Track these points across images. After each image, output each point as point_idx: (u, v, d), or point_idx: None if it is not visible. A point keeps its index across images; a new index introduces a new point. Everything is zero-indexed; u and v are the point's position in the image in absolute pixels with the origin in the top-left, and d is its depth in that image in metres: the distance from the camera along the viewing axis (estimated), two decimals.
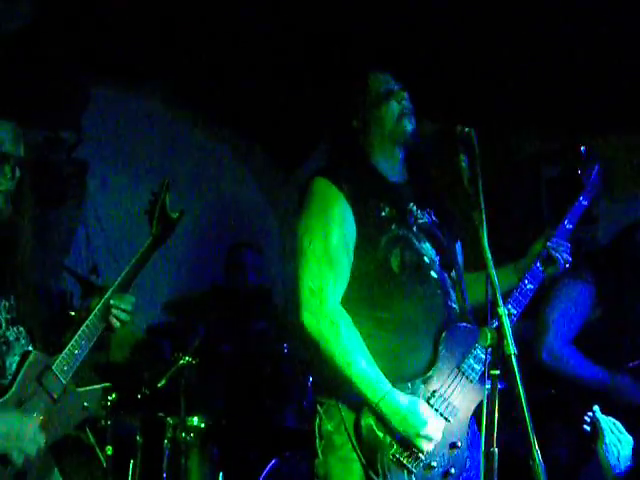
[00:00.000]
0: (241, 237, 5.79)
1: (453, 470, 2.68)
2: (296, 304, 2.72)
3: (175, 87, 5.85)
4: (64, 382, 2.63)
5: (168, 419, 4.24)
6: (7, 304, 2.65)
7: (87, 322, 2.71)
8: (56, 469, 2.76)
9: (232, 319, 5.03)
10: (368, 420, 2.64)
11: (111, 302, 2.74)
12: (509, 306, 2.82)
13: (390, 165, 2.90)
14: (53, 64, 5.05)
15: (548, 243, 2.95)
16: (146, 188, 5.79)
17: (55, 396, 2.61)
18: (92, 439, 4.17)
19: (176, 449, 4.19)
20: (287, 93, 5.43)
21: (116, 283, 2.79)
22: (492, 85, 4.98)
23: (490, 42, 4.72)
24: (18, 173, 2.61)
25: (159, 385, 4.08)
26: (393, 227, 2.77)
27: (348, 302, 2.73)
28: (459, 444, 2.70)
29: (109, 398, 3.95)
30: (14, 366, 2.59)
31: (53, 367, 2.61)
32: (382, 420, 2.62)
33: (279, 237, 6.29)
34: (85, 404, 2.72)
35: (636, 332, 3.80)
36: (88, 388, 2.76)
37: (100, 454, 4.12)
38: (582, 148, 3.16)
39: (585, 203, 3.10)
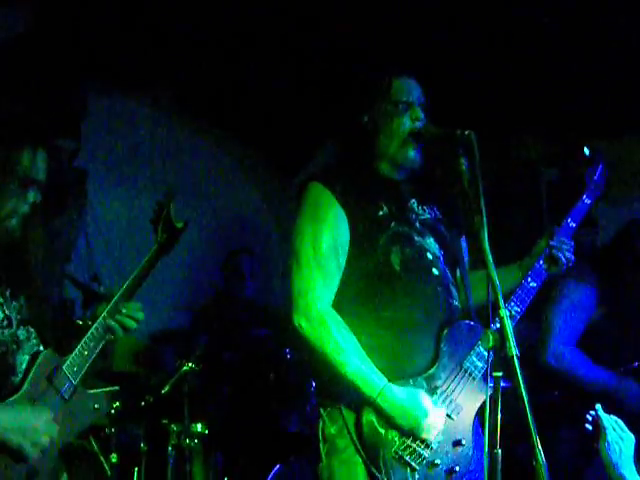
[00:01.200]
0: (241, 244, 5.81)
1: (458, 468, 2.68)
2: (289, 307, 2.76)
3: (175, 94, 5.87)
4: (74, 383, 2.65)
5: (172, 426, 4.25)
6: (17, 305, 2.67)
7: (95, 325, 2.74)
8: (65, 475, 2.77)
9: (234, 326, 5.03)
10: (370, 417, 2.64)
11: (122, 310, 2.77)
12: (512, 304, 2.82)
13: (392, 164, 2.90)
14: (51, 73, 5.07)
15: (551, 242, 2.94)
16: (146, 195, 5.93)
17: (66, 396, 2.63)
18: (96, 447, 4.18)
19: (180, 456, 4.21)
20: (288, 100, 5.44)
21: (121, 291, 2.81)
22: (493, 88, 5.00)
23: (491, 47, 4.73)
24: (39, 198, 2.64)
25: (163, 392, 4.08)
26: (392, 225, 2.79)
27: (351, 302, 2.75)
28: (463, 442, 2.70)
29: (113, 406, 3.96)
30: (24, 365, 2.61)
31: (64, 367, 2.64)
32: (383, 415, 2.62)
33: (279, 243, 6.31)
34: (96, 406, 2.74)
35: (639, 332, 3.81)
36: (98, 390, 2.77)
37: (104, 462, 4.12)
38: (585, 148, 3.16)
39: (588, 202, 3.09)
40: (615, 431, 2.90)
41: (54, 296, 3.02)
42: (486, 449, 2.33)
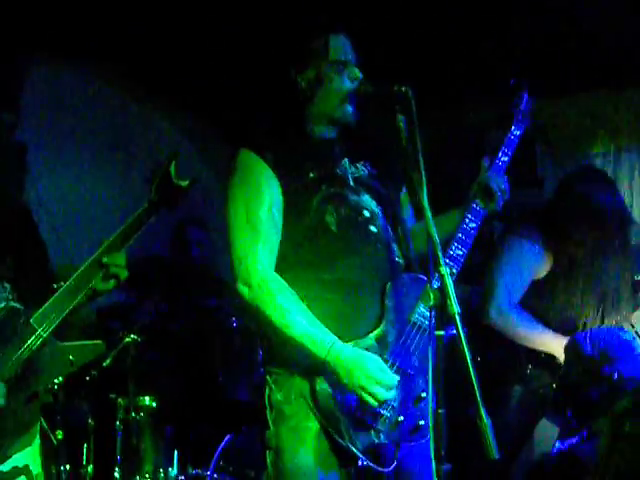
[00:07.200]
0: (187, 213, 5.74)
1: (422, 422, 2.66)
2: (231, 275, 2.73)
3: (121, 66, 5.76)
4: (44, 335, 2.79)
5: (119, 400, 4.20)
6: None
7: (71, 279, 2.83)
8: (37, 427, 2.98)
9: (180, 296, 4.99)
10: (323, 385, 2.60)
11: (104, 260, 2.85)
12: (454, 247, 2.78)
13: (323, 125, 2.85)
14: None
15: (482, 179, 2.89)
16: (92, 171, 5.82)
17: (34, 347, 2.78)
18: (44, 424, 4.11)
19: (128, 430, 4.16)
20: (238, 71, 5.36)
21: (105, 244, 2.88)
22: (435, 50, 4.97)
23: (437, 11, 4.69)
24: None
25: (104, 364, 4.02)
26: (323, 187, 2.74)
27: (291, 269, 2.71)
28: (423, 395, 2.67)
29: (56, 381, 3.89)
30: None
31: (31, 320, 2.79)
32: (333, 376, 2.57)
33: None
34: (71, 358, 2.89)
35: (585, 288, 3.83)
36: (76, 343, 2.93)
37: (53, 439, 4.06)
38: (511, 80, 3.10)
39: (518, 133, 3.03)
40: None
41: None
42: (431, 410, 2.32)
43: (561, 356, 3.75)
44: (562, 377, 3.69)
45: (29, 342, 2.78)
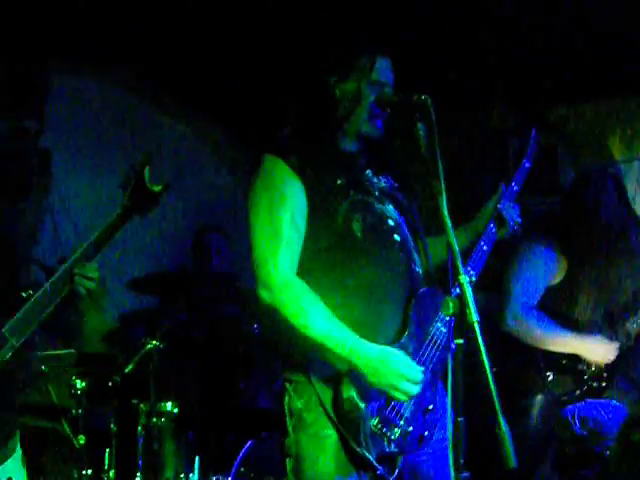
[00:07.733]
0: (209, 220, 5.78)
1: (426, 433, 2.70)
2: (254, 279, 2.73)
3: (142, 74, 5.80)
4: (16, 345, 2.70)
5: (141, 405, 4.21)
6: None
7: (43, 288, 2.76)
8: (17, 438, 2.83)
9: (202, 303, 5.01)
10: (350, 392, 2.60)
11: (75, 271, 2.79)
12: (468, 268, 2.84)
13: (350, 137, 2.88)
14: (13, 53, 4.98)
15: (499, 205, 3.01)
16: (113, 176, 5.83)
17: (5, 358, 2.69)
18: (68, 430, 4.15)
19: (150, 435, 4.17)
20: (257, 77, 5.38)
21: (78, 252, 2.82)
22: (460, 56, 4.97)
23: (458, 13, 4.69)
24: None
25: (126, 370, 4.04)
26: (351, 193, 2.76)
27: (314, 274, 2.72)
28: (430, 407, 2.72)
29: (78, 386, 3.92)
30: None
31: (3, 330, 2.71)
32: (358, 374, 2.57)
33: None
34: (42, 368, 2.77)
35: (599, 292, 3.83)
36: (48, 353, 2.84)
37: (76, 444, 4.09)
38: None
39: (528, 165, 3.22)
40: None
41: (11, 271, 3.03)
42: (450, 419, 2.33)
43: (584, 355, 3.76)
44: (558, 457, 3.72)
45: (0, 352, 2.71)
